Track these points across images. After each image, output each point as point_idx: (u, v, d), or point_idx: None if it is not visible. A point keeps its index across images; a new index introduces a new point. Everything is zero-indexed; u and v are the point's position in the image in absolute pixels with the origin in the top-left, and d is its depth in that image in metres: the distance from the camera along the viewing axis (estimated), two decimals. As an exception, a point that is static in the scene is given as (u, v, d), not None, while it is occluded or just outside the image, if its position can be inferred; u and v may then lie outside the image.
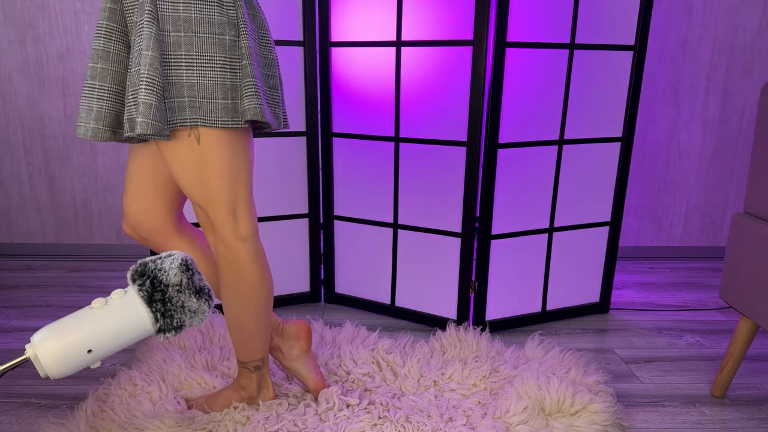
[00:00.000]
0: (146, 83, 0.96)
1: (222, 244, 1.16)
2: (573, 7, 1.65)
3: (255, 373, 1.30)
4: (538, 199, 1.78)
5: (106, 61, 1.05)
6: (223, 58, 1.04)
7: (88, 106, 1.05)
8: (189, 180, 1.10)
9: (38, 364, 0.81)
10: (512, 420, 1.27)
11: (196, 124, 1.04)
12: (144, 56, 0.96)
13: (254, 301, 1.21)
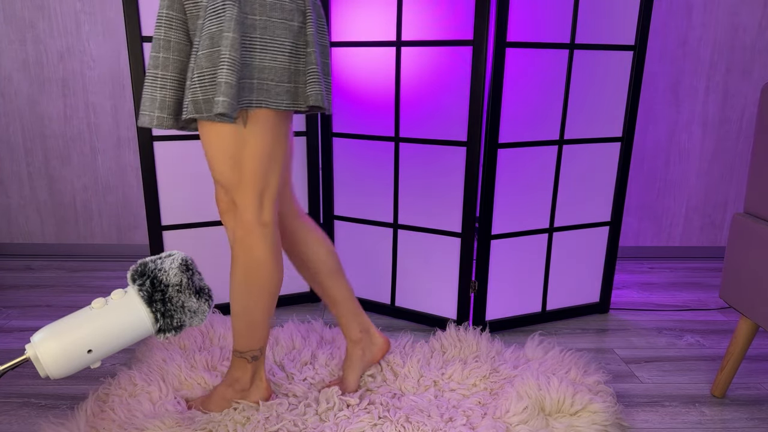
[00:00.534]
0: (228, 63, 0.97)
1: (242, 228, 1.15)
2: (573, 7, 1.65)
3: (251, 363, 1.29)
4: (538, 199, 1.78)
5: (167, 50, 1.06)
6: (291, 43, 1.07)
7: (152, 95, 1.07)
8: (224, 160, 1.09)
9: (38, 364, 0.81)
10: (512, 420, 1.27)
11: (261, 105, 1.06)
12: (225, 37, 0.98)
13: (267, 289, 1.20)
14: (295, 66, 1.08)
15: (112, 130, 2.34)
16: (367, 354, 1.44)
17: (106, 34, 2.24)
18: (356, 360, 1.43)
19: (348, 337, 1.43)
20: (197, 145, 1.77)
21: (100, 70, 2.28)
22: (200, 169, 1.80)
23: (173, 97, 1.07)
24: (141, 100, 1.09)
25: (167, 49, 1.06)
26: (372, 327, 1.46)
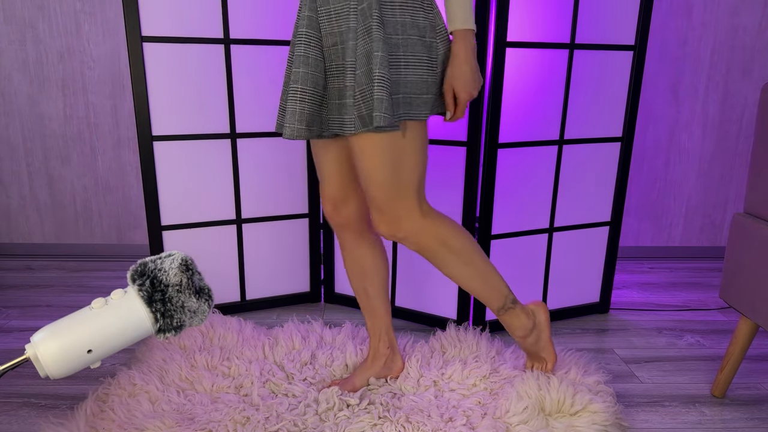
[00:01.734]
0: (379, 81, 1.06)
1: (413, 233, 1.22)
2: (573, 7, 1.65)
3: (516, 306, 1.36)
4: (538, 199, 1.78)
5: (306, 65, 1.13)
6: (428, 57, 1.15)
7: (293, 108, 1.13)
8: (386, 171, 1.16)
9: (38, 364, 0.81)
10: (512, 420, 1.27)
11: (410, 118, 1.14)
12: (375, 56, 1.07)
13: (470, 245, 1.28)
14: (431, 78, 1.16)
15: (112, 130, 2.34)
16: (385, 370, 1.47)
17: (106, 34, 2.24)
18: (373, 370, 1.46)
19: (375, 350, 1.46)
20: (197, 145, 1.77)
21: (100, 70, 2.28)
22: (200, 169, 1.80)
23: (309, 109, 1.14)
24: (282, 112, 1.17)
25: (307, 65, 1.13)
26: (397, 346, 1.50)
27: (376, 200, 1.20)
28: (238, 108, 1.79)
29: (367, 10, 1.09)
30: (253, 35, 1.75)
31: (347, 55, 1.11)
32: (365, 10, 1.09)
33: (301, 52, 1.13)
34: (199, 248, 1.84)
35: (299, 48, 1.14)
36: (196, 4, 1.67)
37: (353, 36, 1.10)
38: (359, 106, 1.10)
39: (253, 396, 1.37)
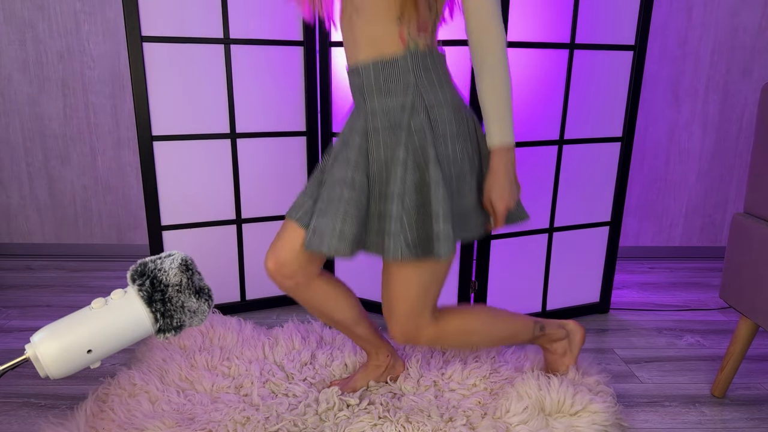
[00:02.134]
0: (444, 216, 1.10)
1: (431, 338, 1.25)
2: (573, 7, 1.65)
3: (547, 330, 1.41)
4: (538, 199, 1.78)
5: (352, 189, 1.15)
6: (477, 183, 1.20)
7: (334, 227, 1.14)
8: (419, 291, 1.19)
9: (38, 364, 0.81)
10: (512, 420, 1.27)
11: (463, 239, 1.19)
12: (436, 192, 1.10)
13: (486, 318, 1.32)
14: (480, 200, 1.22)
15: (112, 130, 2.34)
16: (386, 374, 1.47)
17: (106, 34, 2.24)
18: (374, 374, 1.46)
19: (375, 359, 1.46)
20: (197, 145, 1.77)
21: (100, 70, 2.27)
22: (200, 169, 1.80)
23: (350, 230, 1.15)
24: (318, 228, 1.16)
25: (352, 189, 1.15)
26: (395, 351, 1.50)
27: (398, 315, 1.21)
28: (238, 108, 1.79)
29: (419, 146, 1.12)
30: (253, 35, 1.75)
31: (394, 184, 1.12)
32: (416, 145, 1.12)
33: (349, 176, 1.15)
34: (199, 248, 1.84)
35: (347, 173, 1.15)
36: (196, 4, 1.67)
37: (402, 167, 1.12)
38: (406, 234, 1.12)
39: (253, 396, 1.37)
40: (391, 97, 1.14)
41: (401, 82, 1.13)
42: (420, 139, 1.12)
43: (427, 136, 1.12)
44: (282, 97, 1.83)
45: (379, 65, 1.13)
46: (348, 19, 1.15)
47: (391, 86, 1.14)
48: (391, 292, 1.21)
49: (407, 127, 1.13)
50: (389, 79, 1.14)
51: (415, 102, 1.13)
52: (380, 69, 1.14)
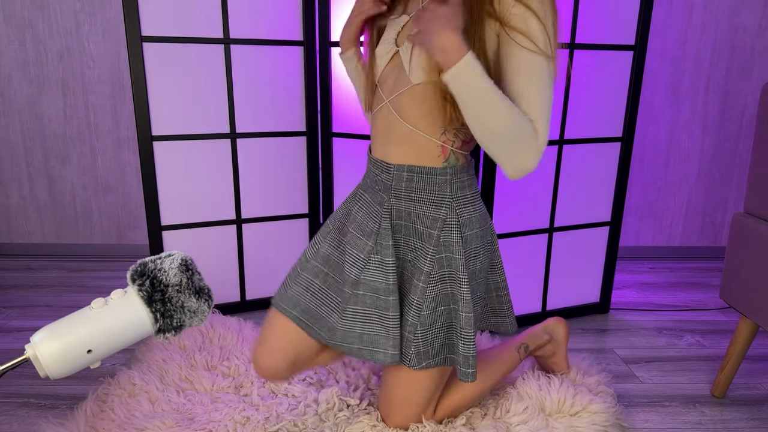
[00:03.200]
0: (467, 339, 1.10)
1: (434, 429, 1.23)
2: (573, 7, 1.65)
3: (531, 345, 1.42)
4: (538, 199, 1.78)
5: (395, 293, 1.12)
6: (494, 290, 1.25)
7: (386, 335, 1.12)
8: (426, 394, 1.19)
9: (38, 364, 0.81)
10: (512, 420, 1.27)
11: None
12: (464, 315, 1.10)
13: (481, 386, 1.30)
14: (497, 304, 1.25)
15: (112, 130, 2.34)
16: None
17: (106, 34, 2.24)
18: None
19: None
20: (197, 145, 1.77)
21: (100, 70, 2.27)
22: (200, 169, 1.80)
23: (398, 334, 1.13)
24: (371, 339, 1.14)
25: (395, 292, 1.12)
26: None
27: (402, 416, 1.21)
28: (238, 108, 1.79)
29: (447, 260, 1.11)
30: (253, 35, 1.75)
31: (414, 293, 1.12)
32: (444, 258, 1.11)
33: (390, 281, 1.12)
34: (199, 248, 1.84)
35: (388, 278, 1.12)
36: (196, 4, 1.67)
37: (425, 279, 1.11)
38: (418, 344, 1.12)
39: (253, 396, 1.37)
40: (422, 205, 1.11)
41: (436, 194, 1.10)
42: (449, 254, 1.10)
43: (459, 253, 1.09)
44: (282, 97, 1.83)
45: (414, 171, 1.09)
46: (385, 114, 1.11)
47: (425, 196, 1.10)
48: (396, 393, 1.20)
49: (436, 239, 1.10)
50: (423, 188, 1.10)
51: (448, 217, 1.10)
52: (414, 175, 1.09)
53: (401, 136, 1.09)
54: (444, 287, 1.12)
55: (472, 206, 1.13)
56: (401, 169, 1.10)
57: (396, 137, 1.10)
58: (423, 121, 1.07)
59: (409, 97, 1.06)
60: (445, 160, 1.09)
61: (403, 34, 1.09)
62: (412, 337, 1.12)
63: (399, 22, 1.11)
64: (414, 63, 1.04)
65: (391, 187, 1.12)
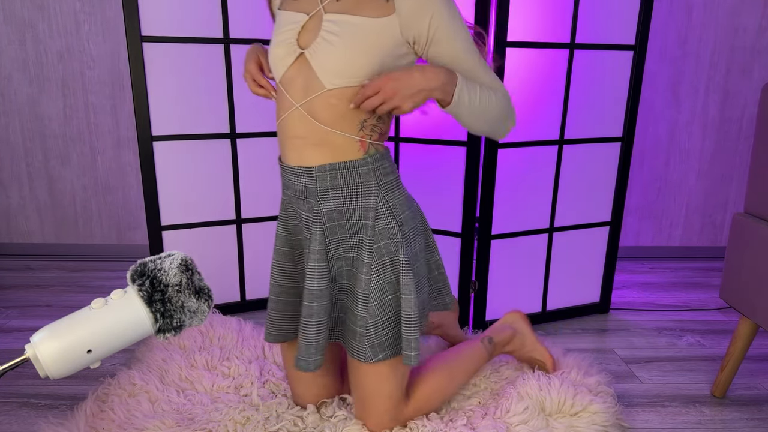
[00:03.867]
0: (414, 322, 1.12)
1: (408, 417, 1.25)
2: (573, 7, 1.65)
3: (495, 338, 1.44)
4: (538, 199, 1.78)
5: (320, 299, 1.14)
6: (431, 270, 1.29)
7: (309, 342, 1.15)
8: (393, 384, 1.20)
9: (38, 364, 0.80)
10: (512, 420, 1.27)
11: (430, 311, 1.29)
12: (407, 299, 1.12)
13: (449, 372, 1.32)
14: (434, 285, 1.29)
15: (112, 130, 2.34)
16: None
17: (106, 34, 2.24)
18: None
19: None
20: (197, 145, 1.77)
21: (100, 70, 2.27)
22: (200, 169, 1.80)
23: (324, 338, 1.17)
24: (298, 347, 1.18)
25: (320, 298, 1.14)
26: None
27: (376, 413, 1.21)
28: (238, 108, 1.79)
29: (386, 248, 1.13)
30: (253, 35, 1.75)
31: (358, 287, 1.14)
32: (382, 247, 1.13)
33: (314, 286, 1.13)
34: (199, 248, 1.84)
35: (312, 282, 1.13)
36: (196, 4, 1.67)
37: (366, 270, 1.13)
38: (371, 337, 1.14)
39: (253, 396, 1.37)
40: (351, 199, 1.12)
41: (362, 186, 1.11)
42: (387, 241, 1.13)
43: (398, 236, 1.12)
44: (282, 97, 1.83)
45: (337, 168, 1.09)
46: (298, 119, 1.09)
47: (352, 189, 1.11)
48: (364, 390, 1.20)
49: (371, 229, 1.12)
50: (349, 182, 1.11)
51: (379, 205, 1.12)
52: (337, 172, 1.10)
53: (318, 138, 1.08)
54: (387, 276, 1.14)
55: (398, 190, 1.15)
56: (323, 169, 1.09)
57: (312, 140, 1.09)
58: (341, 121, 1.07)
59: (324, 100, 1.06)
60: (366, 152, 1.11)
61: (304, 34, 1.07)
62: (364, 331, 1.14)
63: (295, 19, 1.08)
64: (327, 69, 1.04)
65: (316, 190, 1.11)
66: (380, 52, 1.03)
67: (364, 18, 1.02)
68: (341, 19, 1.03)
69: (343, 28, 1.02)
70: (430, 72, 1.01)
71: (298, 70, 1.08)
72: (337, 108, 1.07)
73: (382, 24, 1.02)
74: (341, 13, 1.03)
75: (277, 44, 1.10)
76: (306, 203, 1.14)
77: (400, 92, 1.00)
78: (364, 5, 1.03)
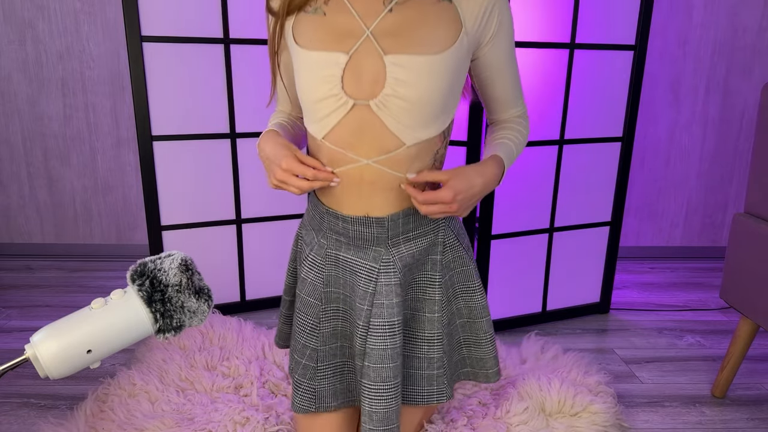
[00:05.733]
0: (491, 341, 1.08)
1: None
2: (573, 7, 1.65)
3: None
4: (538, 199, 1.77)
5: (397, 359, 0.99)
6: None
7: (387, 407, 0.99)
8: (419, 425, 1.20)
9: (38, 364, 0.80)
10: (513, 420, 1.27)
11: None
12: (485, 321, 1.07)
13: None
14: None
15: (112, 130, 2.34)
16: None
17: (106, 34, 2.24)
18: None
19: None
20: (197, 145, 1.77)
21: (100, 70, 2.27)
22: (200, 169, 1.79)
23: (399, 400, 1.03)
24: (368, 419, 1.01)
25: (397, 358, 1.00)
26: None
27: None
28: (238, 108, 1.79)
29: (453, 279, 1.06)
30: (253, 35, 1.75)
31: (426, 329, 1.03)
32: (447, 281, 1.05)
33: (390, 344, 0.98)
34: (199, 248, 1.84)
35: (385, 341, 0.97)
36: (196, 4, 1.67)
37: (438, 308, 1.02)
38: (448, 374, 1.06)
39: (252, 396, 1.36)
40: (422, 238, 1.01)
41: (430, 222, 1.01)
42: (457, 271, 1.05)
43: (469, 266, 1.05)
44: (282, 97, 1.83)
45: (411, 213, 0.98)
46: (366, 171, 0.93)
47: (423, 228, 1.01)
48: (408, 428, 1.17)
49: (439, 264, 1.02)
50: (421, 223, 1.00)
51: (447, 238, 1.03)
52: (411, 216, 0.98)
53: (391, 184, 0.95)
54: (457, 304, 1.08)
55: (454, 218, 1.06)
56: (396, 216, 0.97)
57: (382, 185, 0.95)
58: (417, 163, 0.95)
59: (403, 155, 0.93)
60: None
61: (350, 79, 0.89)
62: (442, 371, 1.04)
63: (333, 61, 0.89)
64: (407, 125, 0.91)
65: (387, 239, 0.98)
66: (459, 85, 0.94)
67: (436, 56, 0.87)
68: (411, 62, 0.86)
69: (420, 76, 0.87)
70: (489, 175, 0.94)
71: (355, 122, 0.91)
72: (419, 158, 0.95)
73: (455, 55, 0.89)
74: (406, 54, 0.87)
75: (319, 100, 0.91)
76: (371, 253, 0.99)
77: (464, 205, 0.92)
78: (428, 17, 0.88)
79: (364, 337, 0.98)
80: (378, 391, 0.97)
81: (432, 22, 0.88)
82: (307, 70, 0.90)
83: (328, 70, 0.88)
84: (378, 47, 0.87)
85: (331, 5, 0.89)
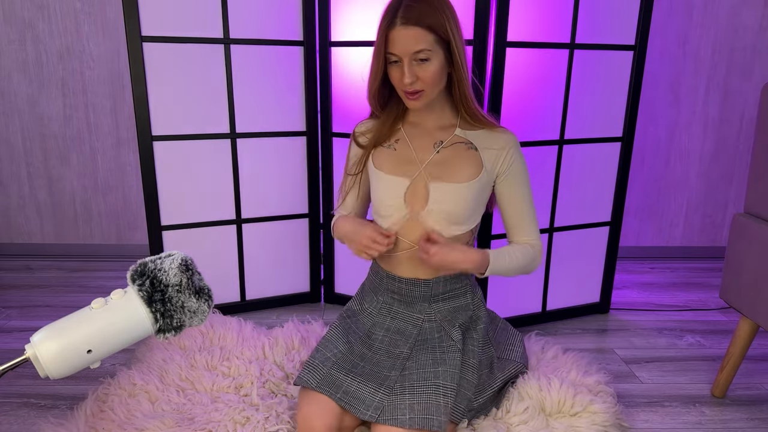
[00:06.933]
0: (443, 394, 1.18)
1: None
2: (573, 7, 1.65)
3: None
4: (538, 198, 1.77)
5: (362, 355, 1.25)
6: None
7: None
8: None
9: (38, 364, 0.80)
10: (513, 420, 1.27)
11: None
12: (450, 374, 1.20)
13: None
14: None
15: (112, 130, 2.34)
16: None
17: (106, 34, 2.24)
18: None
19: None
20: (197, 145, 1.77)
21: (100, 70, 2.27)
22: (200, 169, 1.79)
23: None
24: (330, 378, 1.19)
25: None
26: None
27: None
28: (238, 108, 1.79)
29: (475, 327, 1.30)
30: (253, 35, 1.75)
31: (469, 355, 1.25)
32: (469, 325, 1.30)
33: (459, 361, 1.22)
34: (199, 248, 1.84)
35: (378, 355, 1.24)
36: (196, 4, 1.67)
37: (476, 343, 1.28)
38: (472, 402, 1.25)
39: (252, 396, 1.36)
40: (455, 299, 1.29)
41: (465, 283, 1.31)
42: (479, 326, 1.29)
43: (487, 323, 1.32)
44: (282, 97, 1.83)
45: (450, 277, 1.27)
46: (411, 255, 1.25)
47: (457, 290, 1.30)
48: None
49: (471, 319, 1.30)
50: (457, 282, 1.29)
51: (475, 296, 1.32)
52: (450, 279, 1.28)
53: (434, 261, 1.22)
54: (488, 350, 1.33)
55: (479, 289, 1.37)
56: (439, 280, 1.27)
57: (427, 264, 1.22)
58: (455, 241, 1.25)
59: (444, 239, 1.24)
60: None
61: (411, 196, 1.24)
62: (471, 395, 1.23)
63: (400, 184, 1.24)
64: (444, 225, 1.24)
65: (430, 296, 1.28)
66: (482, 203, 1.27)
67: (462, 185, 1.22)
68: (446, 188, 1.22)
69: (451, 197, 1.22)
70: (469, 255, 1.20)
71: (411, 221, 1.25)
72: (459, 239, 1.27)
73: (477, 185, 1.23)
74: (443, 182, 1.22)
75: (389, 205, 1.26)
76: (418, 306, 1.29)
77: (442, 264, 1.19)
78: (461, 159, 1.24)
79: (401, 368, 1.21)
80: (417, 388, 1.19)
81: (462, 162, 1.24)
82: (383, 186, 1.27)
83: (397, 188, 1.25)
84: (426, 177, 1.24)
85: (400, 144, 1.29)
